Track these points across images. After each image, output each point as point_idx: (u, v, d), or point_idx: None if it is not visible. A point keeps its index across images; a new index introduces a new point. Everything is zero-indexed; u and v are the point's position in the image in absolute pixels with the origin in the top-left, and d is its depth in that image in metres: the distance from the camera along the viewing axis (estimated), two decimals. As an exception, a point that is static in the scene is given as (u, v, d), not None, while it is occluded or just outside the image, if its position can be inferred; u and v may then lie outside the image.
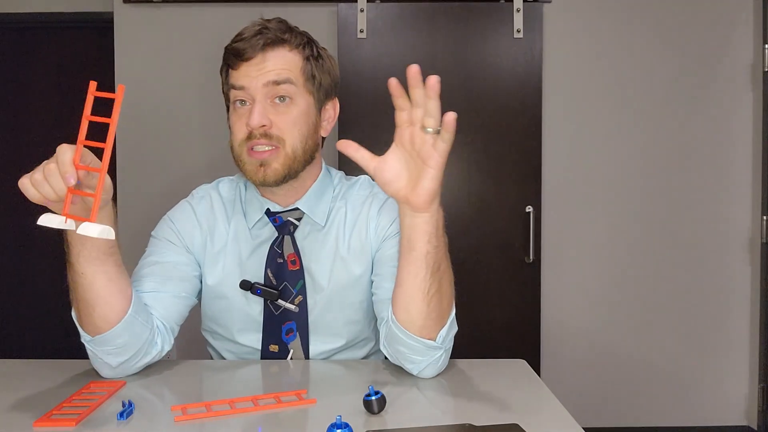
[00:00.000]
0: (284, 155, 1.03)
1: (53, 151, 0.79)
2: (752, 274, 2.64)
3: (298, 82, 1.04)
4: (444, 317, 0.93)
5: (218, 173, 1.26)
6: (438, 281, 0.90)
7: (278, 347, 1.08)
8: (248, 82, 1.02)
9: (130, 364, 0.96)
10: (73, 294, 0.91)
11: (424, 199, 0.85)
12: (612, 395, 2.64)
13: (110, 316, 0.91)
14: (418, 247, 0.88)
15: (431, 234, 0.88)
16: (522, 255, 2.52)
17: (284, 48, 1.04)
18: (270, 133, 1.02)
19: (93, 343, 0.92)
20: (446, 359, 0.97)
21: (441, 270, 0.91)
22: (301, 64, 1.05)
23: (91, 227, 0.76)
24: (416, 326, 0.92)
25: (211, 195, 1.15)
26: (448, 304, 0.94)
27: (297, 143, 1.04)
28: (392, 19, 2.49)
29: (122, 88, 0.76)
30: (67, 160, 0.76)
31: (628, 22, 2.60)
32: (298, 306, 1.08)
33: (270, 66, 1.02)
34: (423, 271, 0.89)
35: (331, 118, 1.14)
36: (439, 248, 0.89)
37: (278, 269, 1.08)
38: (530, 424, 0.76)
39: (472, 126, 2.50)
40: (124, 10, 2.58)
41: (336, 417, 0.70)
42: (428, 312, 0.91)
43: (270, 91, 1.02)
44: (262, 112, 1.01)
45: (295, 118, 1.04)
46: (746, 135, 2.63)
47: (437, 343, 0.93)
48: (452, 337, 0.97)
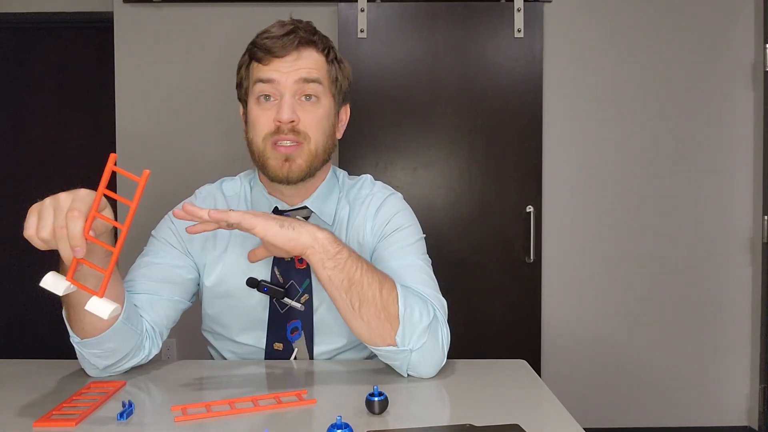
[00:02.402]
0: (308, 152, 1.04)
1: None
2: (753, 274, 2.63)
3: (324, 82, 1.06)
4: (389, 320, 0.92)
5: (219, 171, 1.26)
6: (358, 293, 0.91)
7: (283, 345, 1.08)
8: (279, 76, 1.03)
9: (116, 366, 0.97)
10: (64, 297, 0.90)
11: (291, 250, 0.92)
12: (612, 395, 2.64)
13: (100, 323, 0.90)
14: (320, 275, 0.92)
15: (323, 259, 0.91)
16: (522, 255, 2.51)
17: (313, 49, 1.06)
18: (297, 129, 1.03)
19: (82, 345, 0.92)
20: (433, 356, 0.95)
21: (355, 281, 0.91)
22: (326, 66, 1.07)
23: (100, 305, 0.75)
24: (366, 337, 0.94)
25: (215, 195, 1.15)
26: (384, 308, 0.92)
27: (320, 142, 1.06)
28: (392, 19, 2.49)
29: (147, 174, 0.74)
30: (78, 233, 0.73)
31: (629, 21, 2.60)
32: (304, 305, 1.08)
33: (302, 64, 1.04)
34: (336, 291, 0.92)
35: (344, 122, 1.16)
36: (338, 266, 0.91)
37: (285, 267, 1.08)
38: (530, 425, 0.76)
39: (472, 126, 2.50)
40: (124, 10, 2.58)
41: (336, 417, 0.70)
42: (366, 324, 0.92)
43: (299, 88, 1.03)
44: (291, 107, 1.02)
45: (320, 117, 1.05)
46: (747, 134, 2.63)
47: (400, 347, 0.92)
48: (424, 332, 0.93)
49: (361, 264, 0.93)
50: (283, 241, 0.90)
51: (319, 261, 0.90)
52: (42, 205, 0.76)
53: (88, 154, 2.99)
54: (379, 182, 1.19)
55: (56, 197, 0.76)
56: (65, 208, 0.75)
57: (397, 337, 0.92)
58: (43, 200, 0.77)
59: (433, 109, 2.50)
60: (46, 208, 0.75)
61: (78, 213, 0.74)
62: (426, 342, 0.94)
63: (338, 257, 0.91)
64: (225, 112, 2.50)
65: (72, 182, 3.04)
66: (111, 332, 0.91)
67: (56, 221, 0.74)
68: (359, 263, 0.92)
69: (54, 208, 0.75)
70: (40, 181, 3.00)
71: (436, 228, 2.47)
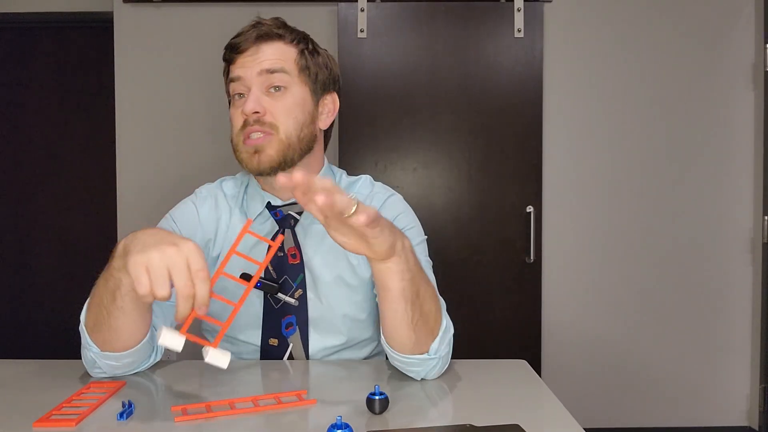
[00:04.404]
0: (278, 141, 1.04)
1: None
2: (753, 275, 2.63)
3: (292, 72, 1.06)
4: (433, 332, 0.92)
5: (218, 172, 1.26)
6: (419, 307, 0.88)
7: (278, 341, 1.08)
8: (243, 72, 1.04)
9: (124, 371, 0.97)
10: (101, 318, 0.88)
11: (381, 255, 0.81)
12: (613, 395, 2.64)
13: (129, 343, 0.91)
14: (393, 286, 0.85)
15: (404, 271, 0.84)
16: (522, 255, 2.51)
17: (279, 42, 1.07)
18: (263, 120, 1.03)
19: (100, 356, 0.92)
20: (445, 362, 0.97)
21: (420, 296, 0.88)
22: (295, 56, 1.07)
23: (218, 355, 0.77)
24: (406, 349, 0.92)
25: (216, 195, 1.15)
26: (435, 321, 0.92)
27: (291, 130, 1.05)
28: (392, 19, 2.49)
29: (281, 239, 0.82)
30: (207, 295, 0.73)
31: (629, 21, 2.60)
32: (297, 300, 1.08)
33: (264, 56, 1.04)
34: (402, 305, 0.87)
35: (331, 111, 1.14)
36: (413, 278, 0.86)
37: (278, 263, 1.08)
38: (531, 425, 0.76)
39: (472, 126, 2.50)
40: (124, 10, 2.58)
41: (336, 417, 0.70)
42: (416, 337, 0.90)
43: (265, 80, 1.04)
44: (255, 99, 1.03)
45: (290, 106, 1.05)
46: (747, 134, 2.63)
47: (430, 355, 0.93)
48: (449, 341, 0.96)
49: (424, 275, 0.90)
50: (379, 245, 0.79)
51: (402, 270, 0.84)
52: (148, 260, 0.72)
53: (88, 155, 2.99)
54: (378, 182, 1.19)
55: (163, 252, 0.73)
56: (184, 266, 0.73)
57: (433, 345, 0.92)
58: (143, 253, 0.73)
59: (433, 109, 2.50)
60: (156, 266, 0.72)
61: (205, 274, 0.73)
62: (448, 350, 0.96)
63: (415, 269, 0.86)
64: (225, 112, 2.49)
65: (72, 182, 3.04)
66: (134, 350, 0.92)
67: (178, 281, 0.72)
68: (422, 274, 0.89)
69: (169, 267, 0.72)
70: (40, 181, 3.00)
71: (436, 228, 2.47)
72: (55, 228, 3.00)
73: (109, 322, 0.87)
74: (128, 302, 0.85)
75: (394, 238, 0.81)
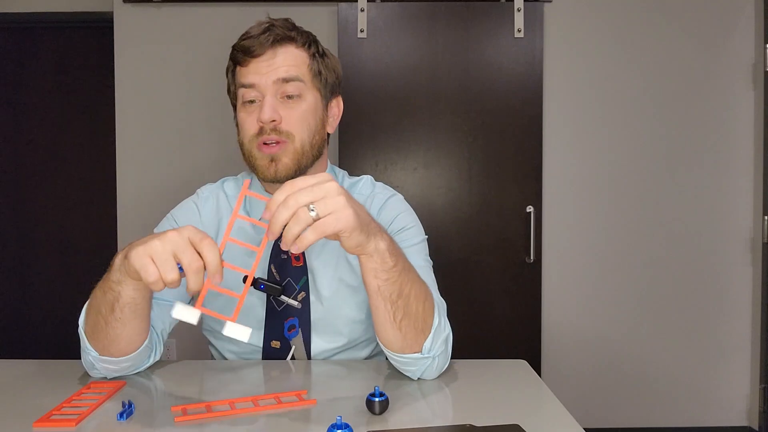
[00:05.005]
0: (293, 150, 1.04)
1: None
2: (753, 275, 2.63)
3: (305, 78, 1.05)
4: (423, 331, 0.92)
5: (218, 172, 1.27)
6: (403, 307, 0.88)
7: (280, 343, 1.08)
8: (258, 79, 1.03)
9: (122, 373, 0.97)
10: (99, 326, 0.88)
11: (350, 250, 0.82)
12: (613, 395, 2.64)
13: (128, 349, 0.91)
14: (368, 282, 0.87)
15: (377, 269, 0.85)
16: (522, 255, 2.51)
17: (292, 45, 1.05)
18: (279, 129, 1.03)
19: (98, 360, 0.92)
20: (443, 361, 0.96)
21: (404, 295, 0.88)
22: (308, 61, 1.06)
23: (238, 329, 0.75)
24: (395, 347, 0.92)
25: (218, 196, 1.15)
26: (423, 321, 0.91)
27: (305, 138, 1.05)
28: (392, 19, 2.49)
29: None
30: (218, 262, 0.73)
31: (629, 21, 2.60)
32: (300, 302, 1.08)
33: (279, 62, 1.03)
34: (381, 303, 0.88)
35: (336, 115, 1.14)
36: (390, 279, 0.86)
37: (282, 265, 1.08)
38: (531, 425, 0.76)
39: (472, 126, 2.50)
40: (124, 10, 2.58)
41: (336, 417, 0.70)
42: (402, 335, 0.90)
43: (279, 88, 1.03)
44: (273, 107, 1.02)
45: (304, 113, 1.05)
46: (747, 134, 2.63)
47: (424, 354, 0.92)
48: (444, 341, 0.95)
49: (411, 276, 0.90)
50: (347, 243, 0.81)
51: (375, 269, 0.85)
52: (151, 248, 0.73)
53: (88, 154, 2.99)
54: (379, 183, 1.19)
55: (164, 238, 0.73)
56: (188, 244, 0.73)
57: (425, 344, 0.92)
58: (144, 244, 0.74)
59: (433, 109, 2.50)
60: (160, 252, 0.73)
61: (211, 241, 0.73)
62: (444, 349, 0.95)
63: (393, 270, 0.86)
64: (225, 112, 2.50)
65: (72, 182, 3.05)
66: (132, 355, 0.92)
67: (185, 258, 0.72)
68: (410, 275, 0.89)
69: (173, 250, 0.73)
70: (40, 181, 3.00)
71: (436, 228, 2.47)
72: (55, 228, 3.00)
73: (107, 331, 0.87)
74: (127, 313, 0.85)
75: (364, 238, 0.81)
